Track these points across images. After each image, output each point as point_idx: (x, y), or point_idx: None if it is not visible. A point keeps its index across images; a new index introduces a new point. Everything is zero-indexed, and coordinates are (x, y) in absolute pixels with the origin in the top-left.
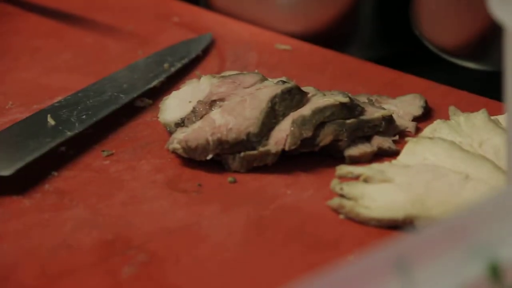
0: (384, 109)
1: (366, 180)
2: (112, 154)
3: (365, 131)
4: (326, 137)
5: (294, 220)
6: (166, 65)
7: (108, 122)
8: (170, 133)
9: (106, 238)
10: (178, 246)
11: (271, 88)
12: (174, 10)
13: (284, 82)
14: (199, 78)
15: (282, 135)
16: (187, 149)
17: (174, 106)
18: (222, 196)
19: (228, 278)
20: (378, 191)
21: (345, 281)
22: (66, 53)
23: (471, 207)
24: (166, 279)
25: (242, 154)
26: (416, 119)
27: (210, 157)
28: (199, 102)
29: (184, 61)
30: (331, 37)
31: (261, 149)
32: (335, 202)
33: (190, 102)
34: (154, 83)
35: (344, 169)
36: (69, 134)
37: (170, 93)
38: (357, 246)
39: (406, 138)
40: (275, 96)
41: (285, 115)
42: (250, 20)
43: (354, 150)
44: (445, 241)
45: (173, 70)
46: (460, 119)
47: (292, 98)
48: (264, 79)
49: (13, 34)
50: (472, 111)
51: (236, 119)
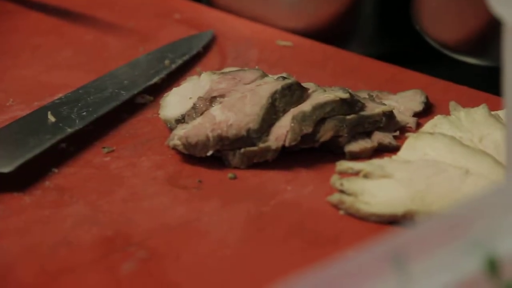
0: (384, 104)
1: (366, 175)
2: (112, 151)
3: (365, 127)
4: (326, 133)
5: (294, 216)
6: (167, 61)
7: (108, 118)
8: (171, 129)
9: (106, 235)
10: (178, 243)
11: (272, 84)
12: (175, 7)
13: (284, 78)
14: (200, 74)
15: (282, 131)
16: (188, 145)
17: (175, 102)
18: (222, 192)
19: (228, 274)
20: (378, 187)
21: (342, 275)
22: (66, 50)
23: (469, 202)
24: (166, 276)
25: (242, 150)
26: (417, 115)
27: (210, 153)
28: (200, 98)
29: (185, 57)
30: (333, 33)
31: (261, 145)
32: (335, 198)
33: (190, 98)
34: (155, 80)
35: (344, 164)
36: (69, 130)
37: (171, 89)
38: (357, 242)
39: (407, 134)
40: (275, 92)
41: (285, 111)
42: (251, 16)
43: (355, 146)
44: (442, 235)
45: (174, 66)
46: (460, 114)
47: (292, 94)
48: (264, 75)
49: (13, 31)
50: (472, 106)
51: (236, 115)
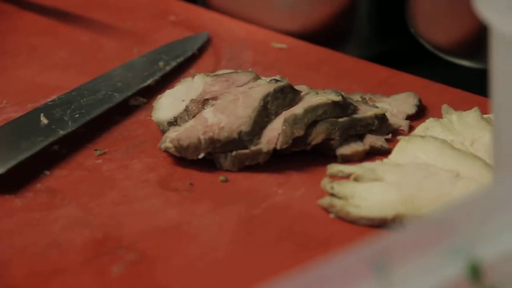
0: (377, 107)
1: (357, 179)
2: (104, 153)
3: (357, 130)
4: (318, 135)
5: (285, 219)
6: (161, 63)
7: (101, 121)
8: (163, 132)
9: (96, 237)
10: (168, 245)
11: (264, 86)
12: (171, 9)
13: (277, 80)
14: (194, 76)
15: (274, 134)
16: (179, 148)
17: (168, 104)
18: (214, 195)
19: (218, 277)
20: (368, 190)
21: (322, 279)
22: (62, 51)
23: (453, 206)
24: (155, 278)
25: (234, 153)
26: (410, 118)
27: (202, 156)
28: (192, 100)
29: (179, 59)
30: (328, 35)
31: (252, 148)
32: (326, 201)
33: (183, 101)
34: (149, 82)
35: (335, 168)
36: (61, 133)
37: (164, 91)
38: (347, 245)
39: (398, 137)
40: (268, 94)
41: (277, 114)
42: (247, 18)
43: (346, 149)
44: (425, 240)
45: (168, 68)
46: (452, 118)
47: (284, 96)
48: (257, 78)
49: (10, 32)
50: (466, 109)
51: (228, 118)
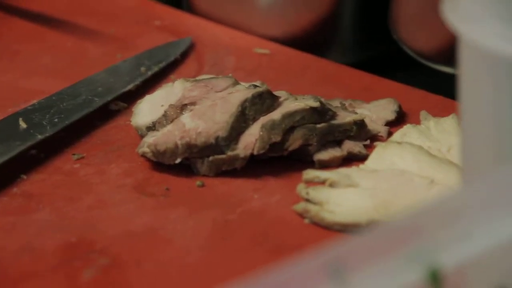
0: (356, 113)
1: (332, 184)
2: (82, 158)
3: (336, 136)
4: (295, 141)
5: (259, 224)
6: (143, 68)
7: (81, 125)
8: (142, 136)
9: (70, 242)
10: (140, 250)
11: (242, 92)
12: (156, 14)
13: (255, 86)
14: (174, 82)
15: (251, 139)
16: (156, 152)
17: (147, 110)
18: (190, 200)
19: (189, 282)
20: (343, 196)
21: (277, 285)
22: (45, 56)
23: (415, 211)
24: (126, 283)
25: (211, 158)
26: (389, 124)
27: (178, 161)
28: (171, 106)
29: (161, 65)
30: (312, 41)
31: (229, 153)
32: (300, 206)
33: (162, 106)
34: (130, 87)
35: (311, 173)
36: (39, 137)
37: (145, 97)
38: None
39: (375, 143)
40: (246, 100)
41: (255, 120)
42: (231, 24)
43: (324, 155)
44: (385, 245)
45: (149, 73)
46: (430, 124)
47: (262, 102)
48: (236, 83)
49: None
50: (447, 116)
51: (205, 123)
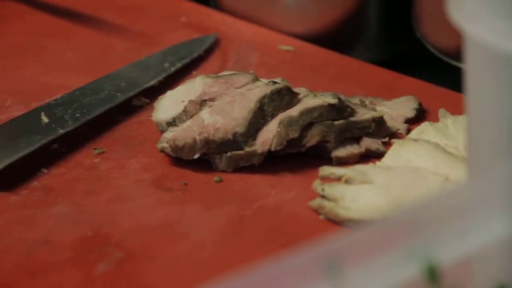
0: (375, 110)
1: (348, 181)
2: (103, 152)
3: (354, 133)
4: (312, 138)
5: (274, 220)
6: (166, 64)
7: (103, 120)
8: (162, 132)
9: (86, 235)
10: (155, 244)
11: (261, 88)
12: (183, 10)
13: (275, 82)
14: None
15: (269, 136)
16: (175, 148)
17: (168, 105)
18: (207, 195)
19: (202, 277)
20: (358, 192)
21: (273, 278)
22: (71, 52)
23: (414, 206)
24: (139, 277)
25: (229, 153)
26: (409, 121)
27: (197, 156)
28: (190, 101)
29: (185, 61)
30: (336, 38)
31: (247, 149)
32: (316, 202)
33: (182, 101)
34: (153, 83)
35: (327, 170)
36: (61, 131)
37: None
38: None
39: (392, 140)
40: (264, 96)
41: (274, 116)
42: (257, 20)
43: (342, 151)
44: (381, 241)
45: (173, 69)
46: (448, 121)
47: (281, 98)
48: (256, 80)
49: (21, 32)
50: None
51: (224, 119)
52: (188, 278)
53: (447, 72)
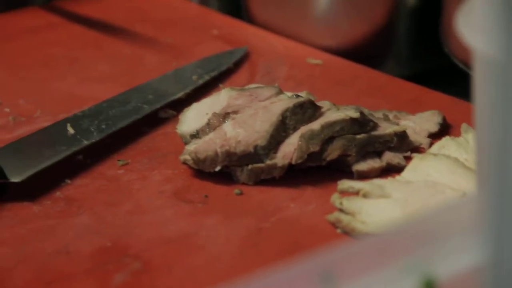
0: (397, 125)
1: (365, 195)
2: (127, 164)
3: (375, 147)
4: (333, 151)
5: (292, 233)
6: (195, 77)
7: (128, 132)
8: (186, 144)
9: (105, 246)
10: (173, 255)
11: (284, 101)
12: (215, 23)
13: (298, 96)
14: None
15: (290, 149)
16: (196, 160)
17: (192, 118)
18: (226, 207)
19: None
20: (375, 207)
21: None
22: (102, 63)
23: (410, 222)
24: (156, 287)
25: (250, 166)
26: (433, 136)
27: (218, 168)
28: (214, 114)
29: (213, 73)
30: (366, 53)
31: (268, 162)
32: (333, 216)
33: (207, 114)
34: (179, 95)
35: (345, 184)
36: (85, 143)
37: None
38: None
39: (413, 154)
40: (287, 109)
41: (296, 129)
42: (288, 34)
43: (363, 165)
44: (379, 254)
45: (201, 82)
46: (469, 136)
47: (304, 112)
48: (280, 93)
49: (56, 44)
50: None
51: (246, 132)
52: None
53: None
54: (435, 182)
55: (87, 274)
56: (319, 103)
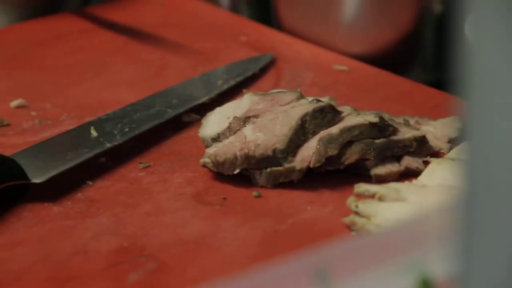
0: (418, 130)
1: (381, 198)
2: (149, 166)
3: (394, 151)
4: (352, 156)
5: (308, 235)
6: (220, 82)
7: (152, 135)
8: (207, 147)
9: (122, 246)
10: (188, 257)
11: (305, 106)
12: (243, 30)
13: (318, 100)
14: None
15: (309, 153)
16: (216, 163)
17: (214, 121)
18: (244, 210)
19: None
20: (390, 210)
21: (260, 285)
22: (130, 69)
23: (411, 221)
24: (169, 287)
25: (268, 169)
26: (453, 141)
27: (237, 171)
28: (235, 118)
29: (238, 78)
30: (393, 59)
31: (286, 165)
32: (349, 219)
33: (228, 118)
34: (203, 100)
35: (362, 187)
36: (108, 145)
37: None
38: None
39: (430, 159)
40: (306, 114)
41: (315, 133)
42: (316, 40)
43: (381, 169)
44: (374, 253)
45: (225, 87)
46: None
47: (323, 116)
48: (301, 97)
49: (85, 50)
50: None
51: (265, 135)
52: None
53: None
54: (451, 186)
55: (102, 273)
56: (340, 108)
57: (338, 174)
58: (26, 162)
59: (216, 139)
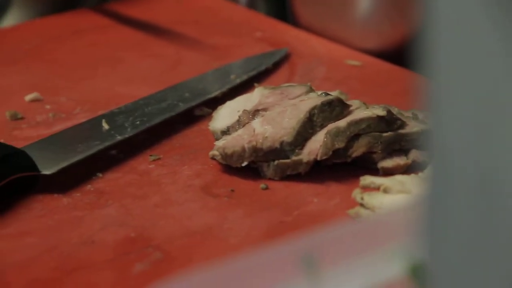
0: (426, 123)
1: (386, 190)
2: (159, 159)
3: (402, 145)
4: (359, 148)
5: (313, 226)
6: (233, 76)
7: (163, 128)
8: (217, 140)
9: (129, 237)
10: (193, 247)
11: (313, 99)
12: (259, 25)
13: (327, 94)
14: None
15: (316, 146)
16: (224, 155)
17: (225, 115)
18: (251, 201)
19: None
20: (394, 202)
21: (247, 271)
22: (145, 64)
23: (402, 208)
24: (174, 276)
25: (276, 162)
26: None
27: (245, 164)
28: (244, 111)
29: (251, 73)
30: (407, 55)
31: (293, 158)
32: (353, 211)
33: (239, 111)
34: (216, 93)
35: (367, 179)
36: (119, 138)
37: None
38: None
39: None
40: (314, 107)
41: (323, 126)
42: (330, 36)
43: (388, 162)
44: (363, 240)
45: (238, 81)
46: None
47: (332, 110)
48: (310, 91)
49: (102, 45)
50: None
51: (273, 128)
52: None
53: None
54: None
55: (109, 263)
56: (349, 102)
57: (345, 167)
58: (37, 154)
59: (225, 132)
